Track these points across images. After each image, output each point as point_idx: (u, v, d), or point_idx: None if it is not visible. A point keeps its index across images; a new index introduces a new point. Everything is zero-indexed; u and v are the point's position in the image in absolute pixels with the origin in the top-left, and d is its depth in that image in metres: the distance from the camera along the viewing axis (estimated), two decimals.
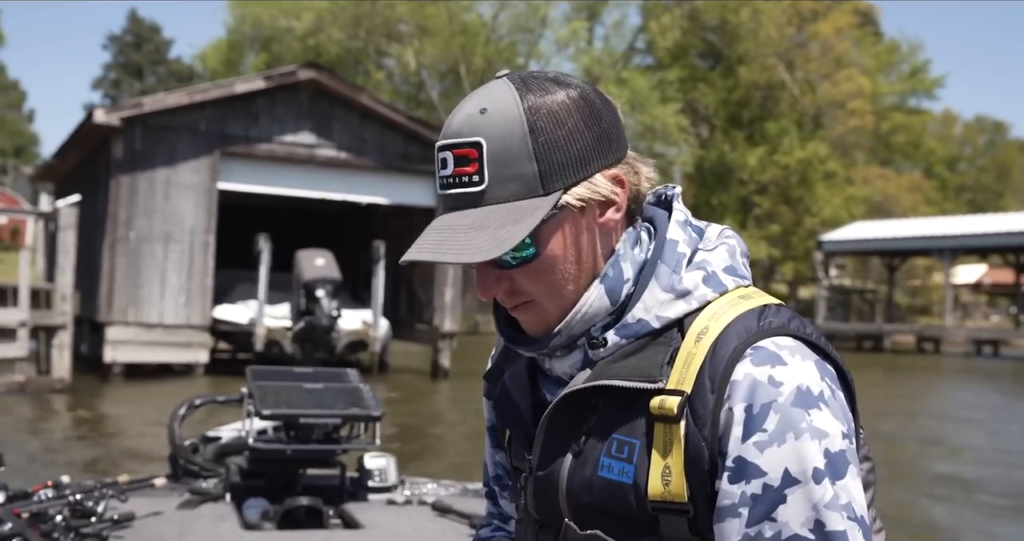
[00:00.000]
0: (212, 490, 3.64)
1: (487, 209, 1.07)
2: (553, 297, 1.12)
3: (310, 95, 16.79)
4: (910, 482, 9.24)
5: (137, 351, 15.56)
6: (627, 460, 1.09)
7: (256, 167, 16.63)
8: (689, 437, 1.05)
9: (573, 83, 1.11)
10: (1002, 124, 70.18)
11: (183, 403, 4.01)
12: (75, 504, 3.00)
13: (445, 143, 1.09)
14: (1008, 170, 64.91)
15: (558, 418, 1.15)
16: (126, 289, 15.51)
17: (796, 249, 41.26)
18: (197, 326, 16.04)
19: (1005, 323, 46.23)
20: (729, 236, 1.19)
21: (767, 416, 1.02)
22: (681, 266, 1.12)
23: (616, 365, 1.11)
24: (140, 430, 10.94)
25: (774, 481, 1.01)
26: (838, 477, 1.01)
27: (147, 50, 67.24)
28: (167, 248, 15.84)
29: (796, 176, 40.91)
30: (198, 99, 15.78)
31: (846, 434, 1.04)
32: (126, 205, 15.50)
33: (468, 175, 1.07)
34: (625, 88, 37.10)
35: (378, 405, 3.70)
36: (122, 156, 15.42)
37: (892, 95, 48.34)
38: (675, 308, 1.11)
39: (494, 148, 1.06)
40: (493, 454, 1.41)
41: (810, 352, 1.07)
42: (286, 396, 3.63)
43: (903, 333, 35.88)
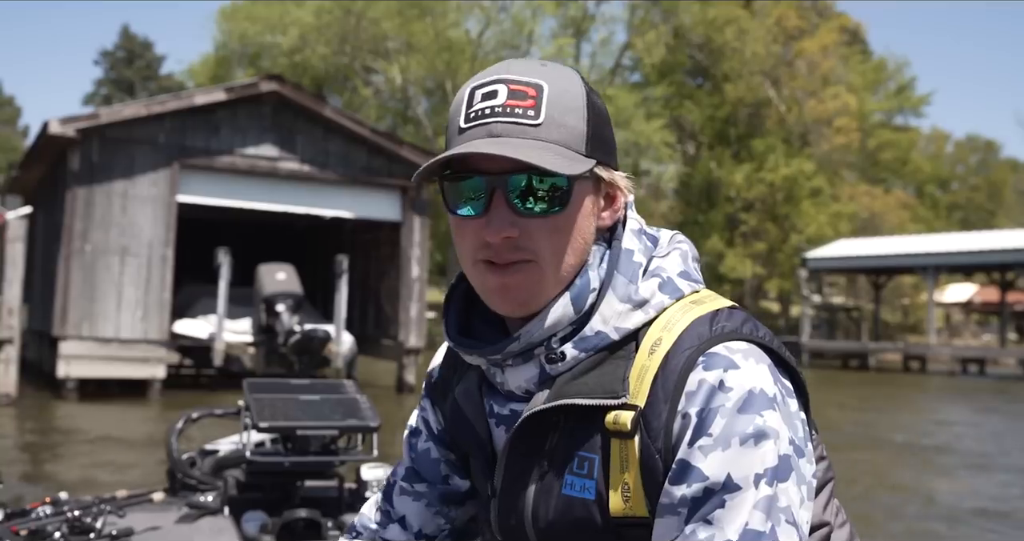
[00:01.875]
0: (210, 504, 3.58)
1: (540, 142, 1.05)
2: (554, 263, 1.09)
3: (273, 107, 16.62)
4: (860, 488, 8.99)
5: (92, 366, 15.30)
6: (588, 476, 1.09)
7: (217, 180, 16.42)
8: (644, 451, 1.06)
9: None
10: (993, 143, 70.31)
11: (180, 417, 3.97)
12: (74, 521, 2.95)
13: (498, 78, 1.07)
14: (1000, 189, 64.90)
15: (522, 440, 1.14)
16: (80, 303, 15.27)
17: (782, 266, 41.07)
18: (154, 341, 15.79)
19: (995, 342, 46.04)
20: (680, 241, 1.20)
21: (714, 420, 1.02)
22: (638, 275, 1.13)
23: (577, 382, 1.10)
24: (73, 448, 10.69)
25: (715, 485, 1.01)
26: (780, 480, 1.01)
27: (139, 66, 67.44)
28: (124, 262, 15.61)
29: (782, 193, 40.78)
30: (156, 111, 15.59)
31: (793, 439, 1.04)
32: (82, 217, 15.29)
33: (523, 109, 1.05)
34: (610, 104, 37.03)
35: (375, 416, 3.68)
36: (78, 168, 15.22)
37: (879, 112, 48.29)
38: (633, 319, 1.11)
39: (556, 93, 1.06)
40: (424, 448, 1.37)
41: (764, 355, 1.08)
42: (283, 408, 3.63)
43: (888, 351, 35.64)
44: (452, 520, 1.39)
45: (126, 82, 65.57)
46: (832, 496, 1.22)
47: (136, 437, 11.67)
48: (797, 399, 1.11)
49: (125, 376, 15.55)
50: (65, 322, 15.16)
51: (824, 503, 1.21)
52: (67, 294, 15.19)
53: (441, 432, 1.35)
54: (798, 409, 1.09)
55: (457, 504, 1.38)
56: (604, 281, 1.13)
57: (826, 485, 1.20)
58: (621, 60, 42.76)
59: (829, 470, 1.22)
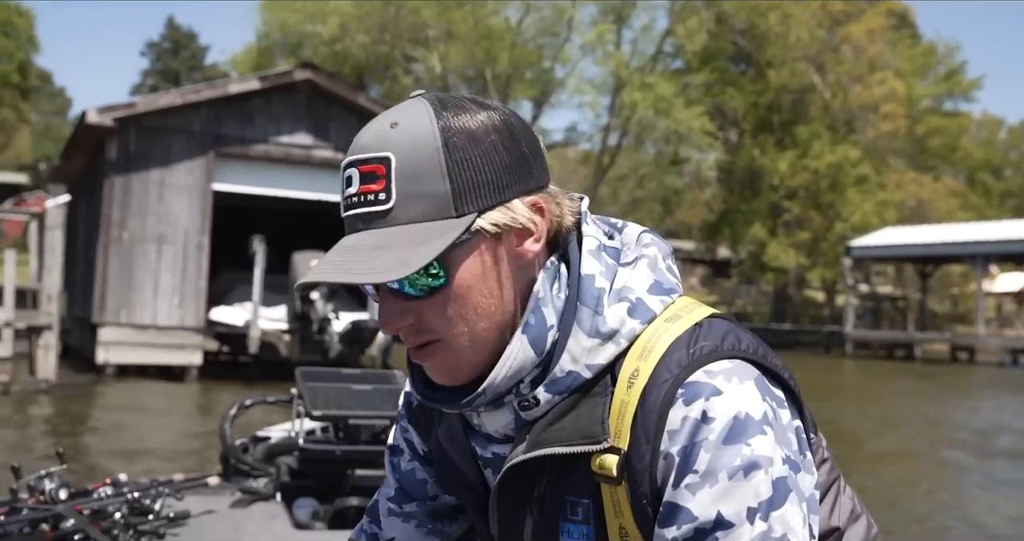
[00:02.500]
0: (263, 490, 3.69)
1: (393, 229, 0.99)
2: (463, 335, 1.03)
3: (307, 96, 16.67)
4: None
5: (129, 352, 15.51)
6: (583, 521, 1.06)
7: (252, 168, 16.52)
8: (632, 495, 1.02)
9: (494, 106, 1.05)
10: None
11: (234, 403, 4.08)
12: (133, 502, 3.05)
13: (351, 159, 1.01)
14: None
15: (507, 490, 1.10)
16: (118, 290, 15.46)
17: (826, 255, 40.48)
18: (191, 328, 15.96)
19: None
20: (648, 244, 1.12)
21: (698, 456, 0.97)
22: (602, 304, 1.05)
23: (555, 428, 1.04)
24: (115, 431, 10.82)
25: (706, 525, 0.96)
26: (775, 508, 0.97)
27: (184, 56, 68.21)
28: (160, 249, 15.77)
29: (826, 181, 40.16)
30: (192, 100, 15.72)
31: (788, 456, 0.99)
32: (119, 206, 15.47)
33: (375, 193, 0.99)
34: (650, 92, 36.70)
35: None
36: (116, 157, 15.39)
37: (927, 98, 47.33)
38: (604, 353, 1.04)
39: (403, 163, 0.99)
40: (408, 468, 1.31)
41: (749, 369, 1.02)
42: (335, 397, 3.69)
43: (935, 342, 35.00)
44: (447, 536, 1.33)
45: (172, 73, 66.32)
46: (840, 495, 1.16)
47: (171, 422, 11.79)
48: (790, 407, 1.05)
49: (162, 362, 15.74)
50: (103, 309, 15.37)
51: (831, 506, 1.15)
52: (105, 281, 15.40)
53: (427, 453, 1.28)
54: (791, 419, 1.04)
55: (449, 519, 1.32)
56: (565, 314, 1.05)
57: (832, 487, 1.15)
58: (662, 47, 42.33)
59: (833, 470, 1.16)
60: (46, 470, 2.98)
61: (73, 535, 2.81)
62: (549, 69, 41.49)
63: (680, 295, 1.11)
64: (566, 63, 41.53)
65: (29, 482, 2.98)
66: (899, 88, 40.99)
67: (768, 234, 41.30)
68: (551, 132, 65.38)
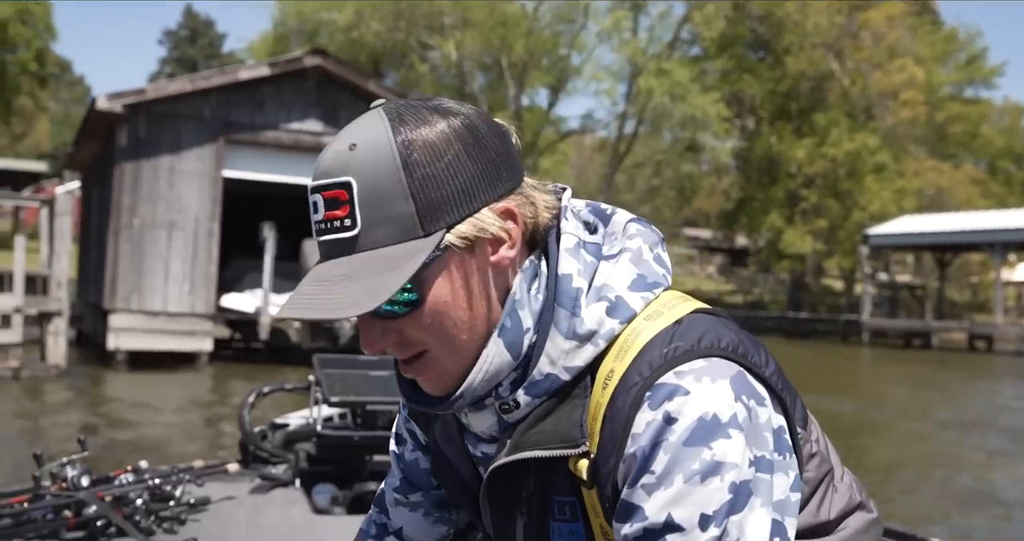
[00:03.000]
0: (282, 476, 3.76)
1: (362, 256, 0.98)
2: (446, 348, 1.03)
3: (317, 82, 16.61)
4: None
5: (140, 339, 15.55)
6: (572, 519, 1.07)
7: (262, 155, 16.51)
8: (600, 498, 1.02)
9: (455, 111, 1.02)
10: None
11: (252, 391, 4.12)
12: (154, 488, 3.11)
13: (313, 185, 1.00)
14: None
15: (495, 491, 1.11)
16: (129, 276, 15.51)
17: (844, 244, 40.17)
18: (201, 314, 15.99)
19: None
20: (632, 234, 1.10)
21: (656, 456, 0.96)
22: (579, 305, 1.03)
23: (534, 431, 1.04)
24: (123, 417, 10.85)
25: (655, 526, 0.96)
26: (733, 513, 0.95)
27: (201, 44, 68.44)
28: (171, 236, 15.80)
29: (844, 168, 39.82)
30: (201, 86, 15.70)
31: (760, 457, 0.98)
32: (129, 192, 15.50)
33: (340, 219, 0.98)
34: (666, 79, 36.47)
35: None
36: (126, 143, 15.41)
37: (948, 85, 46.78)
38: (582, 355, 1.03)
39: (365, 187, 0.97)
40: (412, 458, 1.32)
41: (727, 367, 1.00)
42: (353, 384, 3.74)
43: (953, 330, 34.70)
44: (455, 523, 1.33)
45: (189, 60, 66.51)
46: (831, 489, 1.14)
47: (179, 409, 11.81)
48: (774, 404, 1.03)
49: (173, 349, 15.78)
50: (114, 295, 15.42)
51: (820, 501, 1.13)
52: (116, 268, 15.44)
53: (428, 443, 1.27)
54: (771, 418, 1.01)
55: (456, 507, 1.33)
56: (543, 316, 1.04)
57: (822, 481, 1.13)
58: (679, 33, 42.05)
59: (824, 463, 1.13)
60: (68, 457, 3.02)
61: (95, 521, 2.86)
62: (565, 56, 41.28)
63: (667, 288, 1.09)
64: (582, 50, 41.34)
65: (51, 469, 3.02)
66: (919, 75, 40.53)
67: (785, 222, 41.02)
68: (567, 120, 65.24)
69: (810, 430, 1.13)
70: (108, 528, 2.89)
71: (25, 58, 45.47)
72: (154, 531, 2.99)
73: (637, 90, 38.45)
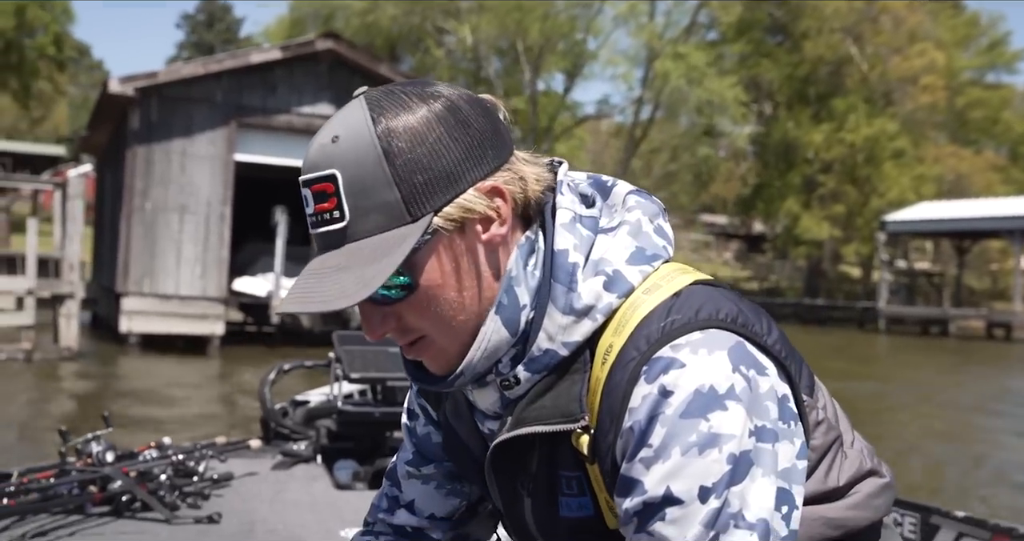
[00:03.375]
0: (303, 452, 3.79)
1: (353, 246, 0.99)
2: (445, 330, 1.04)
3: (329, 66, 16.58)
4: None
5: (152, 322, 15.62)
6: (580, 494, 1.07)
7: (274, 139, 16.50)
8: (602, 473, 1.03)
9: (436, 94, 1.02)
10: None
11: (272, 368, 4.14)
12: (178, 464, 3.15)
13: (302, 179, 1.02)
14: None
15: (500, 465, 1.12)
16: (141, 260, 15.56)
17: (861, 230, 39.85)
18: (213, 298, 16.03)
19: None
20: (631, 207, 1.10)
21: (653, 430, 0.97)
22: (576, 280, 1.04)
23: (534, 407, 1.05)
24: (134, 398, 10.89)
25: (654, 499, 0.96)
26: (734, 484, 0.95)
27: (218, 29, 68.37)
28: (183, 219, 15.83)
29: (862, 154, 39.45)
30: (213, 69, 15.70)
31: (760, 427, 0.97)
32: (142, 176, 15.53)
33: (328, 211, 1.00)
34: (682, 63, 36.20)
35: None
36: (138, 127, 15.44)
37: (969, 70, 46.19)
38: (580, 330, 1.04)
39: (349, 178, 0.98)
40: (424, 432, 1.32)
41: (725, 338, 1.00)
42: (373, 360, 3.77)
43: (970, 318, 34.40)
44: (467, 496, 1.34)
45: (206, 45, 66.47)
46: (840, 455, 1.13)
47: (190, 391, 11.85)
48: (778, 372, 1.03)
49: (184, 332, 15.84)
50: (127, 279, 15.48)
51: (828, 467, 1.13)
52: (128, 251, 15.49)
53: (439, 419, 1.29)
54: (773, 386, 1.01)
55: (468, 480, 1.32)
56: (540, 292, 1.05)
57: (830, 448, 1.12)
58: (696, 18, 41.68)
59: (831, 431, 1.13)
60: (93, 433, 3.05)
61: (120, 496, 2.90)
62: (581, 41, 41.01)
63: (667, 260, 1.09)
64: (598, 35, 41.05)
65: (76, 445, 3.06)
66: (939, 59, 40.05)
67: (802, 208, 40.73)
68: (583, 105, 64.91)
69: (816, 397, 1.12)
70: (133, 503, 2.92)
71: (43, 42, 45.66)
72: (178, 506, 3.01)
73: (653, 74, 38.19)
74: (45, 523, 2.77)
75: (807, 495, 1.06)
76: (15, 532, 2.68)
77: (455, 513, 1.34)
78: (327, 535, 2.98)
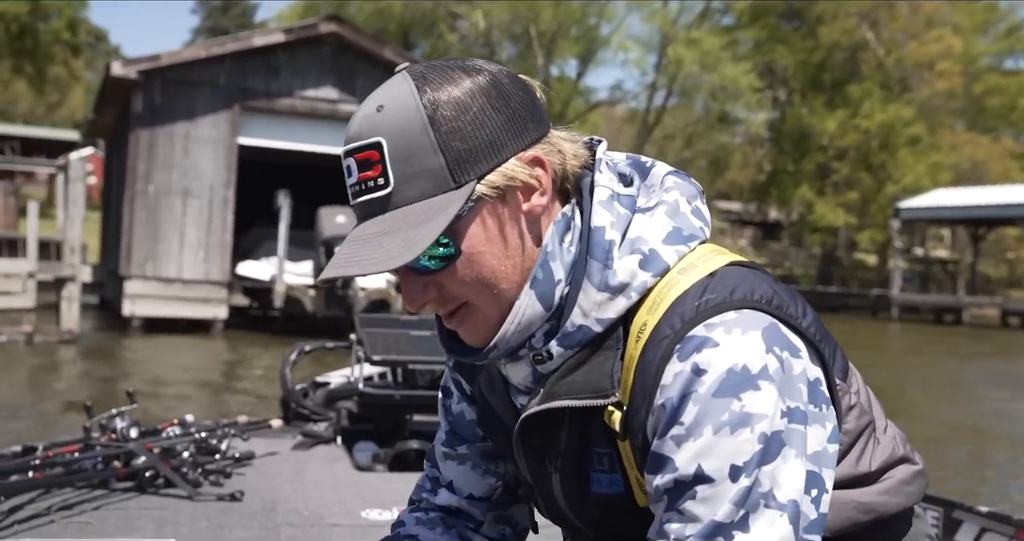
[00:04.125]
0: (323, 433, 3.84)
1: (397, 212, 1.01)
2: (486, 298, 1.05)
3: (332, 49, 16.49)
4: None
5: (155, 305, 15.64)
6: (611, 470, 1.08)
7: (278, 122, 16.45)
8: (633, 450, 1.04)
9: (479, 68, 1.05)
10: None
11: (294, 349, 4.17)
12: (200, 442, 3.21)
13: (346, 149, 1.03)
14: None
15: (529, 439, 1.13)
16: (145, 243, 15.57)
17: (875, 217, 39.52)
18: (216, 282, 16.04)
19: None
20: (670, 187, 1.11)
21: (685, 408, 0.97)
22: (612, 257, 1.05)
23: (565, 381, 1.06)
24: (134, 381, 10.90)
25: (686, 477, 0.97)
26: (765, 463, 0.96)
27: (234, 14, 68.52)
28: (186, 203, 15.82)
29: (877, 141, 39.08)
30: (216, 52, 15.64)
31: (792, 408, 0.98)
32: (145, 159, 15.52)
33: (373, 179, 1.01)
34: (695, 48, 35.93)
35: None
36: (141, 110, 15.42)
37: (987, 56, 45.64)
38: (615, 306, 1.05)
39: (395, 145, 1.00)
40: (458, 410, 1.35)
41: (758, 319, 1.00)
42: (395, 343, 3.81)
43: (985, 306, 34.10)
44: (502, 476, 1.35)
45: (222, 30, 66.49)
46: (872, 440, 1.14)
47: (191, 374, 11.86)
48: (811, 355, 1.03)
49: (187, 316, 15.85)
50: (130, 262, 15.50)
51: (860, 452, 1.13)
52: (131, 235, 15.51)
53: (473, 393, 1.32)
54: (806, 369, 1.01)
55: (503, 460, 1.34)
56: (576, 268, 1.06)
57: (862, 433, 1.13)
58: (711, 3, 41.36)
59: (864, 415, 1.13)
60: (117, 409, 3.10)
61: (144, 472, 2.95)
62: (594, 26, 40.76)
63: (703, 241, 1.10)
64: (611, 20, 40.77)
65: (101, 421, 3.12)
66: (956, 45, 39.58)
67: (816, 195, 40.42)
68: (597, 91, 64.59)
69: (850, 382, 1.13)
70: (156, 479, 2.95)
71: (57, 27, 45.80)
72: (201, 483, 3.03)
73: (667, 60, 37.93)
74: (70, 497, 2.79)
75: (839, 479, 1.07)
76: (40, 505, 2.71)
77: (492, 493, 1.35)
78: (348, 515, 2.98)
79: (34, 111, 54.20)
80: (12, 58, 45.07)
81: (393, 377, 3.96)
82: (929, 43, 39.50)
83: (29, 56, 44.76)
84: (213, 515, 2.84)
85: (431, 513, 1.37)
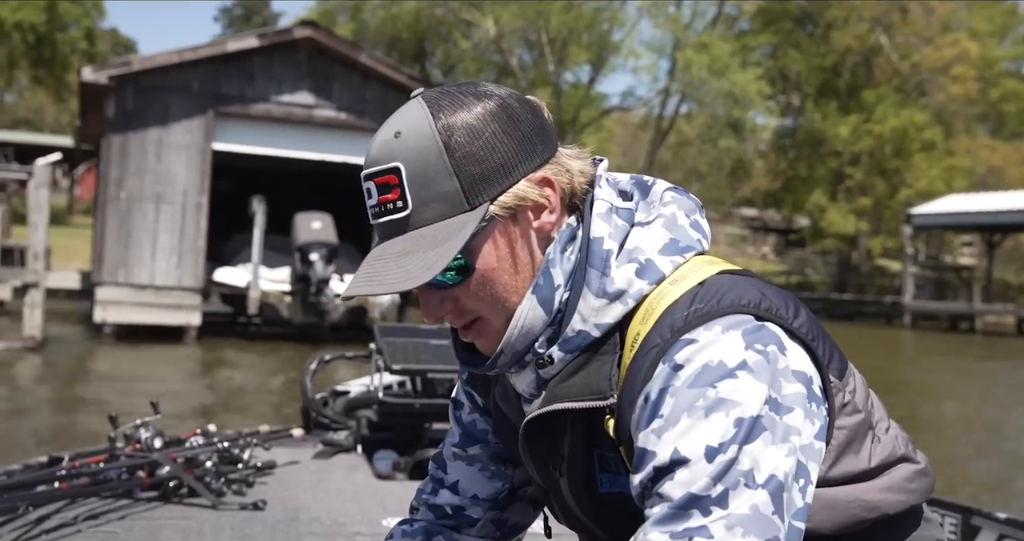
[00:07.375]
0: (344, 442, 3.88)
1: (415, 233, 1.07)
2: (498, 311, 1.11)
3: (308, 54, 16.40)
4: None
5: (127, 312, 15.57)
6: (618, 472, 1.12)
7: (253, 128, 16.36)
8: (628, 455, 1.07)
9: (489, 93, 1.10)
10: None
11: (313, 359, 4.22)
12: (223, 451, 3.22)
13: (366, 173, 1.09)
14: None
15: (533, 444, 1.18)
16: (116, 250, 15.52)
17: (888, 223, 38.88)
18: (189, 288, 15.95)
19: None
20: (668, 202, 1.16)
21: (663, 402, 1.01)
22: (609, 265, 1.10)
23: (565, 385, 1.11)
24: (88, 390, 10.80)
25: (663, 462, 0.99)
26: (746, 443, 0.97)
27: (255, 23, 68.83)
28: (159, 209, 15.76)
29: (891, 146, 38.46)
30: (189, 58, 15.58)
31: (775, 397, 1.00)
32: (117, 165, 15.47)
33: (392, 202, 1.07)
34: (705, 53, 35.56)
35: None
36: (113, 115, 15.38)
37: (1005, 61, 44.82)
38: (612, 312, 1.09)
39: (412, 170, 1.06)
40: (469, 419, 1.38)
41: (741, 320, 1.04)
42: (414, 352, 3.86)
43: (1000, 314, 33.38)
44: (510, 479, 1.38)
45: None
46: (872, 439, 1.15)
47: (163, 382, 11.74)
48: (802, 354, 1.06)
49: (160, 322, 15.77)
50: (101, 268, 15.45)
51: (858, 450, 1.14)
52: (103, 241, 15.46)
53: (487, 405, 1.35)
54: (792, 364, 1.04)
55: (513, 463, 1.36)
56: (575, 275, 1.11)
57: (858, 431, 1.14)
58: (723, 8, 40.96)
59: (855, 414, 1.14)
60: (142, 419, 3.15)
61: (168, 481, 2.98)
62: (606, 32, 40.49)
63: (700, 252, 1.14)
64: (622, 26, 40.48)
65: (126, 431, 3.16)
66: (972, 49, 38.89)
67: (829, 200, 39.86)
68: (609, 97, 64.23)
69: (846, 381, 1.14)
70: (180, 488, 2.98)
71: (75, 36, 46.22)
72: (224, 492, 3.06)
73: (678, 65, 37.59)
74: (96, 507, 2.83)
75: (838, 475, 1.10)
76: (67, 515, 2.75)
77: (497, 495, 1.37)
78: (370, 524, 3.01)
79: (59, 120, 54.76)
80: (31, 68, 45.54)
81: (412, 386, 4.00)
82: (944, 47, 38.86)
83: (47, 65, 45.17)
84: (236, 524, 2.87)
85: (416, 524, 1.39)
